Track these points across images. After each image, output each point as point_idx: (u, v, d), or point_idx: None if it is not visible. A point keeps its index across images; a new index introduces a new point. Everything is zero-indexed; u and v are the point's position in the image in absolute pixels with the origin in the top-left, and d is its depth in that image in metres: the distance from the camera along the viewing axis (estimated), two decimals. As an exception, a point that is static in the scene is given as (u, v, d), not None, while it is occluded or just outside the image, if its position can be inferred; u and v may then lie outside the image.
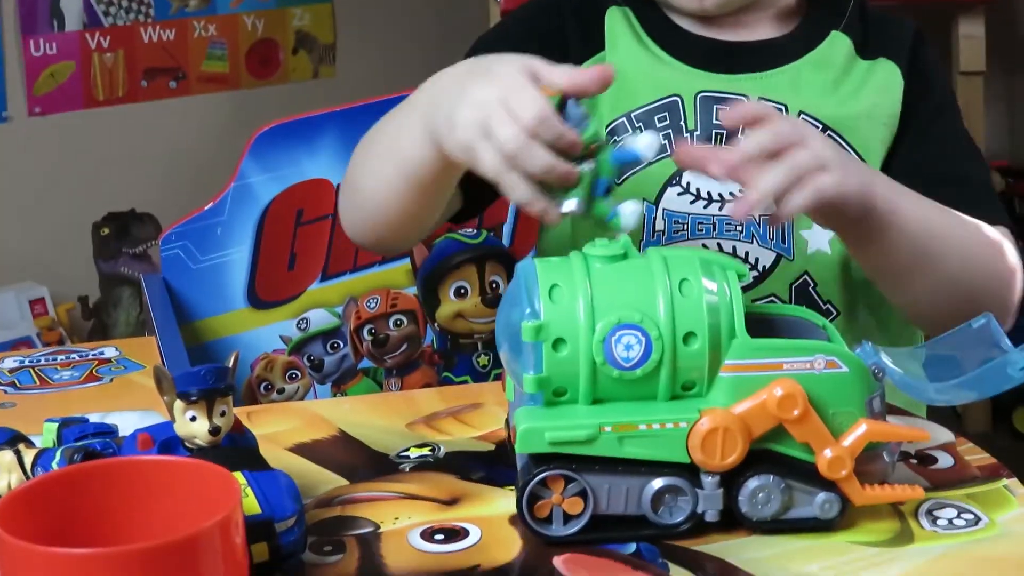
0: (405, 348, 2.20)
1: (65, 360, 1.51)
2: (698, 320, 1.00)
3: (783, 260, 1.40)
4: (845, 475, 1.01)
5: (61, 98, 3.29)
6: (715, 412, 1.00)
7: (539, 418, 1.02)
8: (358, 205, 1.39)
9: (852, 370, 1.02)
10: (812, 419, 1.01)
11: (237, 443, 1.01)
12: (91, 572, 0.75)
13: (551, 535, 1.02)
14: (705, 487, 1.02)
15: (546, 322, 1.01)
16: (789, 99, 1.40)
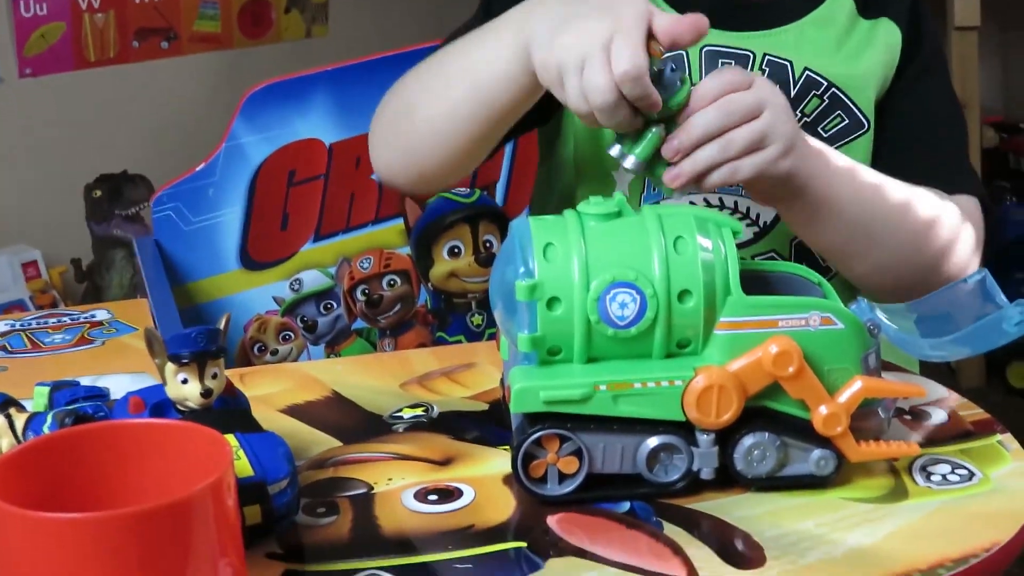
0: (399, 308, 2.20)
1: (56, 323, 1.51)
2: (693, 278, 1.00)
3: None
4: (840, 432, 1.01)
5: (52, 59, 3.28)
6: (710, 370, 1.00)
7: (534, 377, 1.01)
8: (405, 133, 1.36)
9: (847, 326, 1.02)
10: (807, 376, 1.00)
11: (229, 405, 1.01)
12: (83, 536, 0.75)
13: (546, 494, 1.02)
14: (700, 445, 1.01)
15: (540, 281, 1.00)
16: (794, 56, 1.40)
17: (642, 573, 0.92)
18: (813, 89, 1.40)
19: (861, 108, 1.41)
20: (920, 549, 0.94)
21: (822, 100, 1.40)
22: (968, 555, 0.93)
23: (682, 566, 0.93)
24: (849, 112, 1.41)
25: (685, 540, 0.96)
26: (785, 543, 0.96)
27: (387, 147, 1.40)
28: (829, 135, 1.41)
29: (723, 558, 0.94)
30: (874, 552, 0.94)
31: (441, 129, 1.30)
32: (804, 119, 1.40)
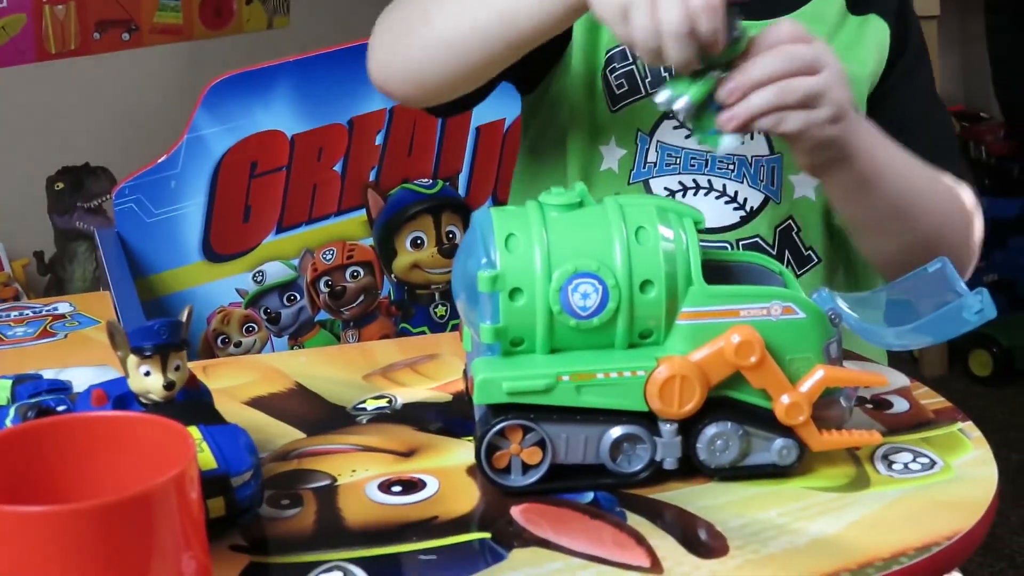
0: (362, 299, 2.20)
1: (19, 316, 1.50)
2: (655, 268, 1.00)
3: (771, 202, 1.41)
4: (802, 421, 1.02)
5: (13, 51, 3.26)
6: (672, 360, 1.00)
7: (497, 368, 1.01)
8: (413, 42, 1.33)
9: (809, 316, 1.02)
10: (769, 365, 1.01)
11: (192, 398, 1.01)
12: (46, 529, 0.75)
13: (510, 485, 1.02)
14: (663, 435, 1.02)
15: (502, 272, 1.00)
16: None
17: (606, 563, 0.92)
18: None
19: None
20: (882, 538, 0.95)
21: None
22: (930, 543, 0.94)
23: (646, 556, 0.93)
24: None
25: (648, 530, 0.97)
26: (748, 532, 0.96)
27: (389, 53, 1.36)
28: None
29: (686, 548, 0.94)
30: (837, 541, 0.95)
31: (455, 43, 1.28)
32: None
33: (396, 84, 1.37)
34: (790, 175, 1.41)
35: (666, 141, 1.40)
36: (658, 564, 0.92)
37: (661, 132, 1.41)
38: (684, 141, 1.40)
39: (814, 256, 1.43)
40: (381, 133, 2.20)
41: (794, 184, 1.42)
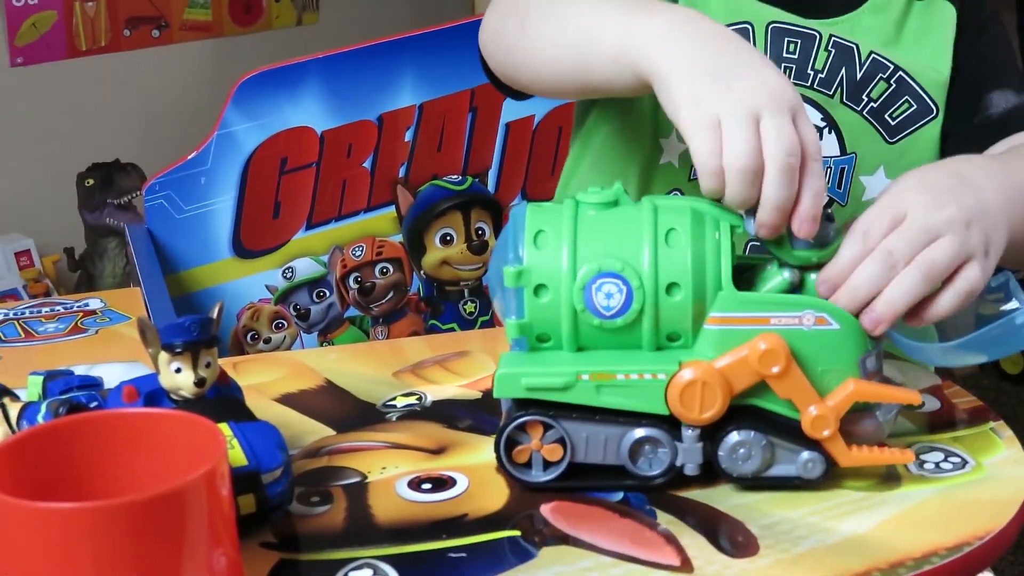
0: (391, 296, 2.20)
1: (50, 312, 1.51)
2: (682, 271, 0.99)
3: (835, 205, 1.39)
4: (828, 435, 1.00)
5: (43, 48, 3.28)
6: (695, 364, 0.99)
7: (518, 363, 1.01)
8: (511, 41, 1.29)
9: (843, 327, 1.00)
10: (795, 376, 0.99)
11: (223, 394, 1.01)
12: (77, 526, 0.75)
13: (529, 480, 1.02)
14: (685, 440, 1.01)
15: (528, 267, 1.00)
16: (860, 40, 1.38)
17: (636, 562, 0.92)
18: (880, 72, 1.37)
19: (930, 93, 1.39)
20: (914, 537, 0.94)
21: (889, 84, 1.38)
22: (962, 543, 0.93)
23: (676, 555, 0.93)
24: (917, 97, 1.39)
25: (679, 529, 0.96)
26: (778, 531, 0.96)
27: (494, 38, 1.33)
28: (897, 121, 1.38)
29: (716, 547, 0.94)
30: (867, 540, 0.95)
31: (542, 69, 1.26)
32: (871, 103, 1.38)
33: (494, 64, 1.34)
34: (862, 175, 1.39)
35: None
36: (688, 563, 0.92)
37: None
38: None
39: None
40: (410, 129, 2.20)
41: (865, 185, 1.39)
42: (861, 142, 1.38)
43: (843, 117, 1.37)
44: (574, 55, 1.19)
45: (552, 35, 1.22)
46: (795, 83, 1.34)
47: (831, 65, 1.37)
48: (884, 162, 1.39)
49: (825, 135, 1.37)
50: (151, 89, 3.45)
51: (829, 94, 1.37)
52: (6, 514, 0.76)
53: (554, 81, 1.25)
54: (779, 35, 1.37)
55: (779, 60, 1.36)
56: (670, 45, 1.08)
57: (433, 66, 2.18)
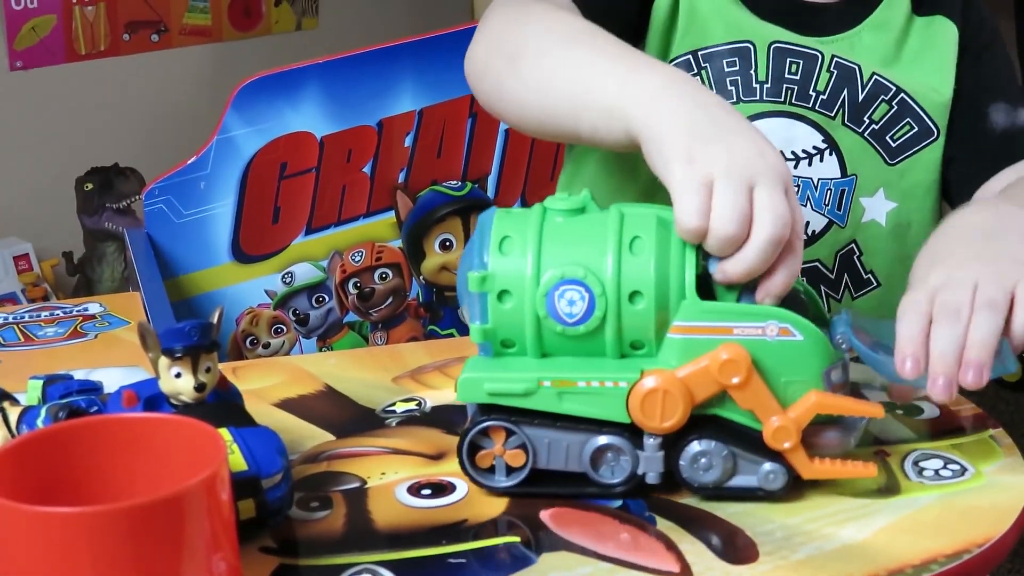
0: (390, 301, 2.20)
1: (49, 316, 1.51)
2: (645, 279, 0.99)
3: (834, 226, 1.38)
4: (790, 447, 0.99)
5: (43, 52, 3.28)
6: (657, 373, 0.99)
7: (482, 368, 1.02)
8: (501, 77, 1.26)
9: (807, 338, 0.99)
10: (756, 386, 0.99)
11: (222, 399, 1.01)
12: (77, 531, 0.75)
13: (491, 486, 1.03)
14: (646, 448, 1.01)
15: (491, 273, 1.00)
16: (862, 60, 1.37)
17: (635, 568, 0.92)
18: (881, 94, 1.37)
19: (931, 115, 1.38)
20: (913, 544, 0.94)
21: (891, 106, 1.37)
22: (961, 550, 0.93)
23: (675, 561, 0.93)
24: (918, 119, 1.38)
25: (678, 535, 0.96)
26: (777, 538, 0.96)
27: (482, 70, 1.31)
28: (898, 143, 1.38)
29: (716, 553, 0.94)
30: (867, 547, 0.95)
31: (529, 110, 1.24)
32: (872, 125, 1.37)
33: (478, 95, 1.33)
34: (862, 197, 1.38)
35: None
36: (688, 569, 0.92)
37: None
38: None
39: (873, 280, 1.40)
40: (410, 135, 2.20)
41: (865, 207, 1.39)
42: (861, 164, 1.38)
43: (844, 139, 1.37)
44: (566, 104, 1.17)
45: (544, 80, 1.21)
46: (797, 104, 1.35)
47: (833, 86, 1.37)
48: (884, 184, 1.39)
49: (826, 156, 1.37)
50: (150, 94, 3.45)
51: (831, 116, 1.37)
52: (6, 518, 0.76)
53: (541, 125, 1.24)
54: (781, 55, 1.37)
55: (781, 80, 1.36)
56: (666, 104, 1.07)
57: (433, 71, 2.18)
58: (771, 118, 1.37)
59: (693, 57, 1.37)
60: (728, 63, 1.37)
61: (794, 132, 1.37)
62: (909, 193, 1.39)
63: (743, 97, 1.37)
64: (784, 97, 1.37)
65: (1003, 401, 3.29)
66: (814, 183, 1.37)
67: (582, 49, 1.18)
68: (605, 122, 1.12)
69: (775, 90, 1.37)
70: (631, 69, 1.12)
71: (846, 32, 1.39)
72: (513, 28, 1.27)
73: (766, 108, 1.37)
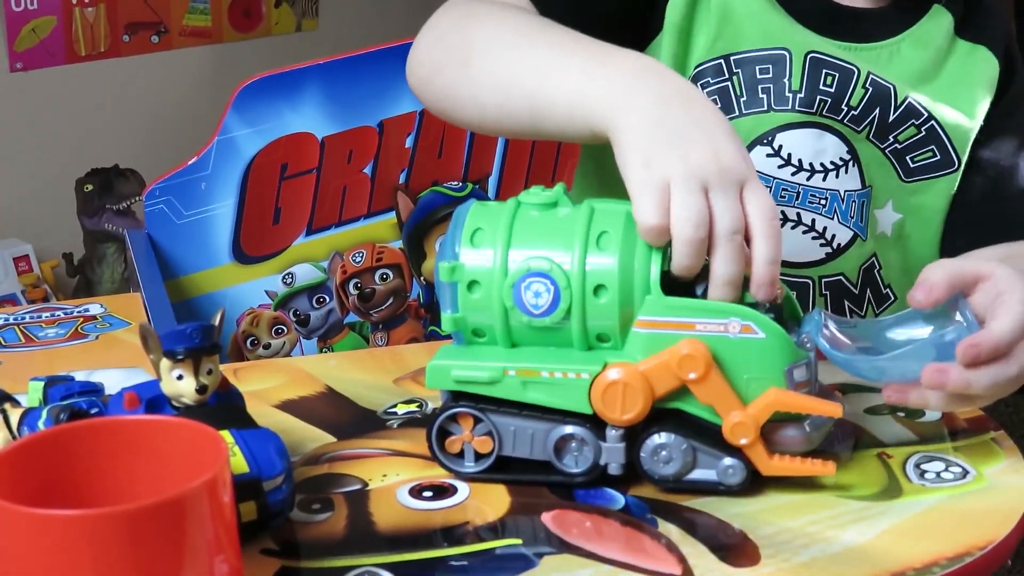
0: (391, 302, 2.20)
1: (50, 317, 1.51)
2: (609, 273, 1.00)
3: (858, 239, 1.37)
4: (747, 443, 1.00)
5: (43, 53, 3.28)
6: (619, 366, 1.01)
7: (451, 355, 1.04)
8: (452, 81, 1.25)
9: (769, 336, 1.00)
10: (715, 382, 1.00)
11: (224, 401, 1.01)
12: (78, 533, 0.75)
13: (459, 470, 1.05)
14: (608, 440, 1.02)
15: (461, 263, 1.03)
16: (897, 81, 1.35)
17: (637, 570, 0.92)
18: (912, 118, 1.36)
19: (956, 147, 1.37)
20: (915, 547, 0.94)
21: (919, 131, 1.36)
22: (963, 553, 0.93)
23: (677, 564, 0.93)
24: (943, 148, 1.37)
25: (680, 538, 0.96)
26: (779, 541, 0.96)
27: (430, 73, 1.29)
28: (916, 166, 1.37)
29: (718, 555, 0.94)
30: (869, 550, 0.95)
31: (486, 110, 1.22)
32: (896, 145, 1.36)
33: (427, 103, 1.32)
34: (876, 209, 1.38)
35: (758, 168, 1.33)
36: (689, 572, 0.92)
37: (753, 158, 1.33)
38: (777, 170, 1.35)
39: (891, 294, 1.40)
40: (411, 136, 2.20)
41: (878, 219, 1.38)
42: (876, 176, 1.37)
43: (864, 150, 1.36)
44: (526, 102, 1.17)
45: (502, 78, 1.19)
46: (828, 116, 1.33)
47: (866, 103, 1.35)
48: (893, 196, 1.38)
49: (850, 168, 1.36)
50: (151, 95, 3.46)
51: (857, 130, 1.36)
52: (7, 521, 0.76)
53: (501, 124, 1.23)
54: (817, 66, 1.35)
55: (815, 91, 1.34)
56: (627, 103, 1.07)
57: (433, 72, 2.18)
58: (802, 128, 1.35)
59: (725, 61, 1.35)
60: (761, 70, 1.35)
61: (824, 143, 1.35)
62: (916, 210, 1.39)
63: (775, 106, 1.35)
64: (816, 108, 1.35)
65: (1003, 403, 3.28)
66: (840, 195, 1.36)
67: (537, 46, 1.18)
68: (570, 121, 1.12)
69: (808, 100, 1.35)
70: (594, 63, 1.12)
71: (885, 41, 1.37)
72: (463, 28, 1.26)
73: (797, 118, 1.35)
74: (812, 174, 1.35)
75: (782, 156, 1.35)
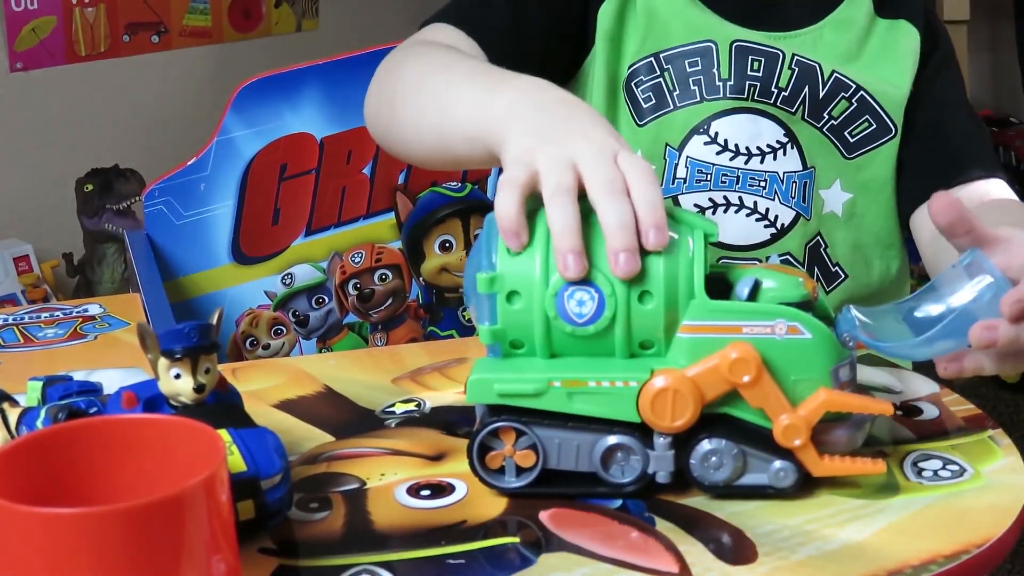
0: (390, 302, 2.20)
1: (49, 318, 1.51)
2: (654, 279, 0.99)
3: (801, 219, 1.40)
4: (800, 444, 0.99)
5: (43, 53, 3.28)
6: (667, 372, 0.99)
7: (492, 369, 1.02)
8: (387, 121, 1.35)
9: (815, 336, 0.99)
10: (766, 385, 0.99)
11: (222, 400, 1.01)
12: (76, 531, 0.75)
13: (501, 487, 1.02)
14: (657, 448, 1.00)
15: (500, 274, 1.00)
16: (822, 59, 1.40)
17: (634, 569, 0.92)
18: (842, 91, 1.40)
19: (889, 113, 1.40)
20: (912, 545, 0.94)
21: (850, 103, 1.40)
22: (960, 551, 0.93)
23: (675, 562, 0.93)
24: (877, 117, 1.40)
25: (677, 536, 0.96)
26: (777, 539, 0.96)
27: (373, 117, 1.40)
28: (856, 139, 1.41)
29: (715, 554, 0.94)
30: (866, 548, 0.95)
31: (411, 147, 1.31)
32: (831, 121, 1.40)
33: (379, 141, 1.40)
34: (820, 189, 1.41)
35: (696, 157, 1.39)
36: (687, 570, 0.92)
37: (691, 147, 1.39)
38: (715, 157, 1.38)
39: (841, 272, 1.42)
40: (410, 136, 2.20)
41: (824, 199, 1.41)
42: (819, 157, 1.40)
43: (803, 132, 1.40)
44: (435, 138, 1.23)
45: (415, 119, 1.27)
46: (759, 100, 1.38)
47: (794, 84, 1.39)
48: (840, 175, 1.41)
49: (788, 150, 1.39)
50: (150, 95, 3.46)
51: (791, 111, 1.39)
52: (5, 520, 0.76)
53: (426, 160, 1.31)
54: (743, 53, 1.39)
55: (744, 78, 1.39)
56: (511, 121, 1.10)
57: (432, 72, 2.18)
58: (736, 115, 1.39)
59: (655, 59, 1.40)
60: (690, 63, 1.40)
61: (759, 127, 1.39)
62: (865, 186, 1.42)
63: (707, 95, 1.39)
64: (747, 94, 1.39)
65: (1002, 402, 3.29)
66: (780, 177, 1.39)
67: (439, 83, 1.24)
68: (471, 148, 1.16)
69: (738, 87, 1.39)
70: (483, 91, 1.16)
71: (807, 28, 1.42)
72: (393, 74, 1.34)
73: (730, 105, 1.39)
74: (750, 157, 1.39)
75: (719, 143, 1.38)
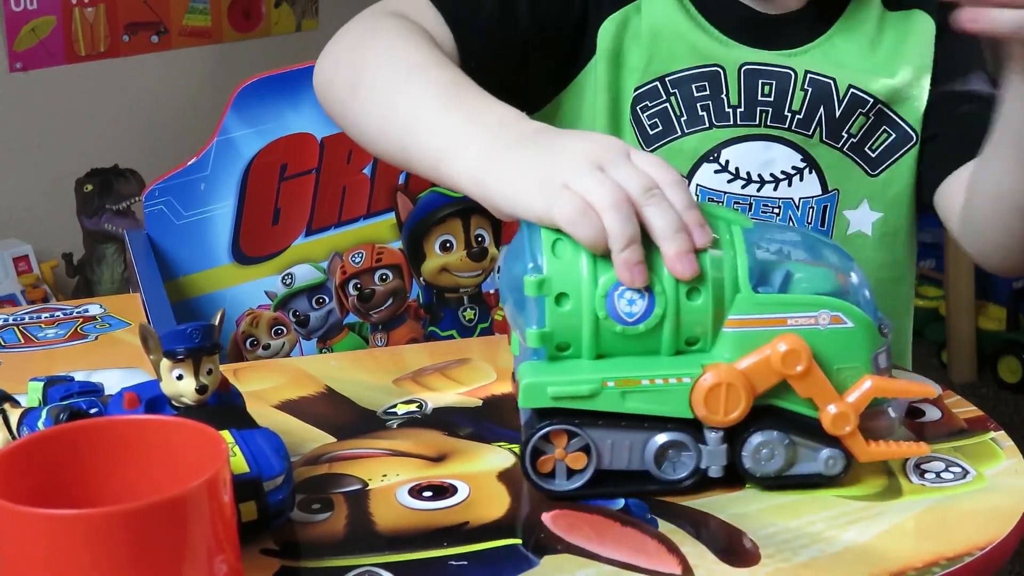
0: (391, 303, 2.20)
1: (50, 318, 1.51)
2: (702, 275, 0.99)
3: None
4: (849, 431, 1.00)
5: (42, 53, 3.28)
6: (718, 367, 0.99)
7: (542, 372, 1.01)
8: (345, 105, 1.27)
9: (857, 325, 1.00)
10: (816, 375, 1.00)
11: (224, 401, 1.01)
12: (78, 533, 0.75)
13: (554, 490, 1.02)
14: (708, 442, 1.01)
15: (548, 276, 0.99)
16: (836, 73, 1.36)
17: (637, 570, 0.92)
18: (859, 107, 1.36)
19: (907, 121, 1.37)
20: (915, 547, 0.94)
21: (868, 118, 1.36)
22: (963, 553, 0.93)
23: (677, 564, 0.93)
24: (895, 126, 1.37)
25: (680, 537, 0.96)
26: (779, 541, 0.96)
27: (325, 87, 1.31)
28: (877, 154, 1.37)
29: (718, 555, 0.94)
30: (868, 550, 0.95)
31: (364, 139, 1.25)
32: (851, 139, 1.37)
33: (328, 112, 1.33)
34: (846, 210, 1.38)
35: (706, 184, 1.37)
36: (690, 571, 0.92)
37: (700, 175, 1.37)
38: (726, 184, 1.36)
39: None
40: (411, 136, 2.19)
41: (849, 220, 1.39)
42: (843, 178, 1.37)
43: (823, 156, 1.36)
44: (398, 147, 1.18)
45: (379, 117, 1.21)
46: (772, 126, 1.34)
47: (809, 104, 1.35)
48: (868, 195, 1.38)
49: (806, 175, 1.36)
50: (150, 95, 3.46)
51: (808, 134, 1.36)
52: (7, 520, 0.76)
53: (382, 155, 1.24)
54: (753, 77, 1.36)
55: (754, 103, 1.35)
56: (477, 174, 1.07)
57: (433, 72, 2.18)
58: (747, 142, 1.36)
59: (660, 83, 1.36)
60: (697, 87, 1.36)
61: (771, 154, 1.36)
62: (895, 202, 1.39)
63: (716, 123, 1.36)
64: (759, 120, 1.35)
65: (1004, 403, 3.29)
66: (795, 203, 1.37)
67: (413, 91, 1.18)
68: (436, 176, 1.13)
69: (748, 113, 1.36)
70: (454, 125, 1.12)
71: (816, 40, 1.37)
72: (358, 52, 1.27)
73: (741, 133, 1.36)
74: (762, 184, 1.36)
75: (730, 171, 1.36)
